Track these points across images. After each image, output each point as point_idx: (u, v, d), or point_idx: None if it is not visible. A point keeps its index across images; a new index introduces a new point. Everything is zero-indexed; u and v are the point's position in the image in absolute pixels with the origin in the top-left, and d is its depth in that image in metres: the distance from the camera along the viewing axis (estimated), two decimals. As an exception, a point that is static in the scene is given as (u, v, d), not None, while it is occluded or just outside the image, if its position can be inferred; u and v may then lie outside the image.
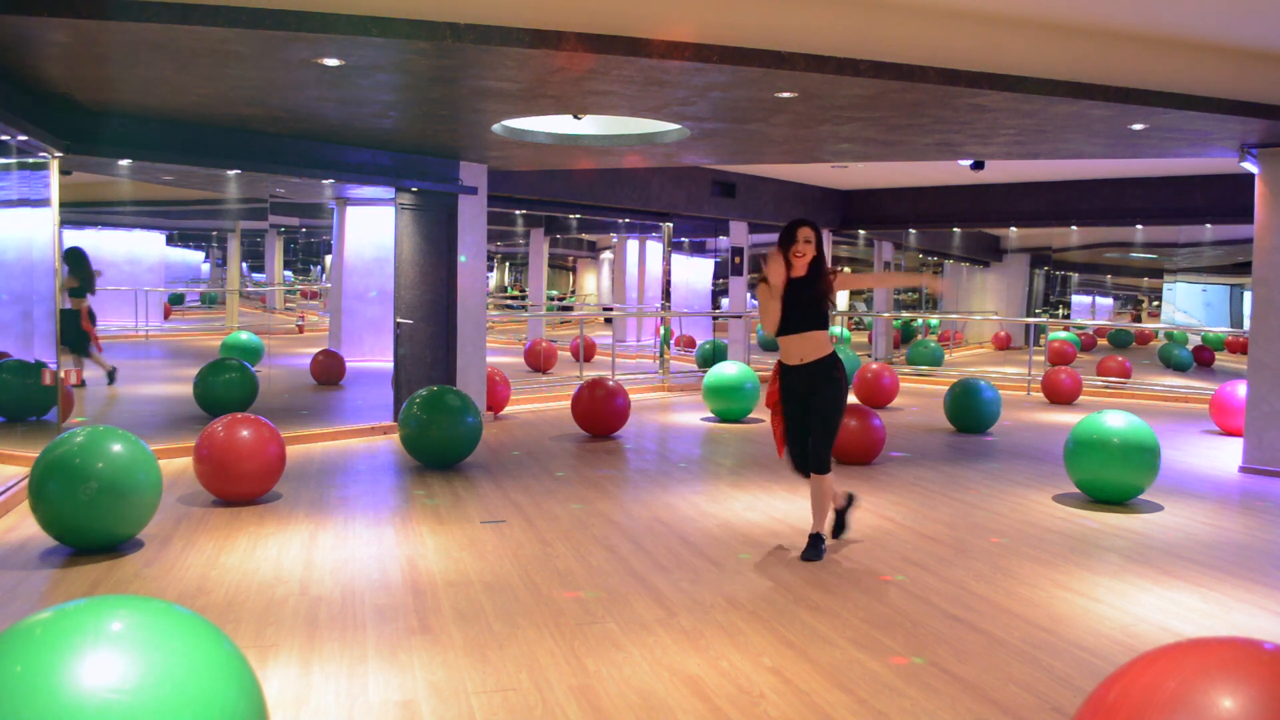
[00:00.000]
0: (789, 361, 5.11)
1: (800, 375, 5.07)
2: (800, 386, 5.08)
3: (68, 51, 5.22)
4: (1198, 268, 18.56)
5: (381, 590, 4.49)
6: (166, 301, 12.86)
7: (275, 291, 14.38)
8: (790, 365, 5.10)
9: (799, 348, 5.06)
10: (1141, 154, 8.69)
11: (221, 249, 13.21)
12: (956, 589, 4.64)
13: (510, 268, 26.16)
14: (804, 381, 5.06)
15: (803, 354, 5.05)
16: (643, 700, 3.35)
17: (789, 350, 5.10)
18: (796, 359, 5.07)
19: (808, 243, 5.08)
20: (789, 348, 5.09)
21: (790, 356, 5.09)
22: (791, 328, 5.05)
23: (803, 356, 5.05)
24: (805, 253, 5.07)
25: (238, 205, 12.15)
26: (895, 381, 11.36)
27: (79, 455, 4.81)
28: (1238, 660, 1.75)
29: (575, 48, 5.00)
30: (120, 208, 11.54)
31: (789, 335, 5.06)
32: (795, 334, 5.05)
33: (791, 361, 5.09)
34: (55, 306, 6.94)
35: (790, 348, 5.09)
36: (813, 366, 5.05)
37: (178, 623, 2.01)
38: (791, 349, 5.08)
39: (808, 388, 5.06)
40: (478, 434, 7.33)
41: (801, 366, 5.06)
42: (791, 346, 5.08)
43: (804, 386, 5.07)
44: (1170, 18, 5.68)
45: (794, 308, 5.04)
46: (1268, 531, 5.86)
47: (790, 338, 5.06)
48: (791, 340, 5.07)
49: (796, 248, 5.06)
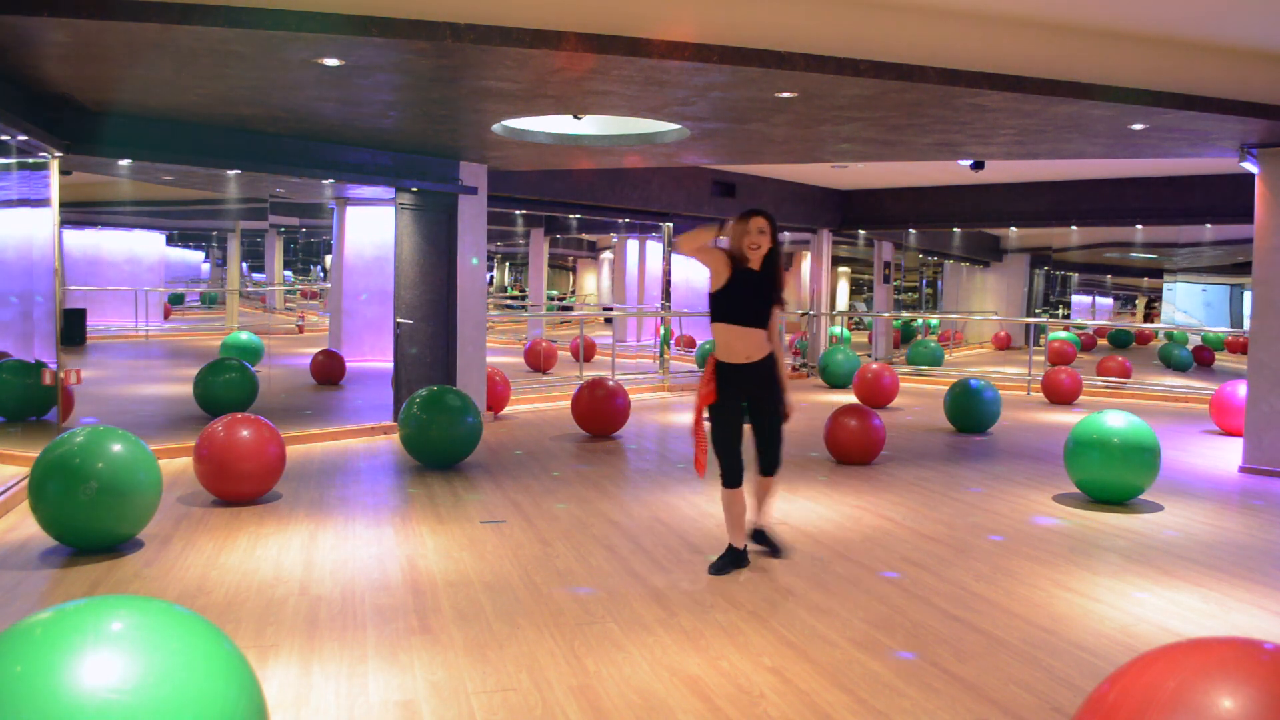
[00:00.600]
0: (732, 359, 4.75)
1: (747, 375, 4.75)
2: (745, 388, 4.77)
3: (68, 51, 5.22)
4: (1198, 268, 18.56)
5: (381, 590, 4.49)
6: (166, 301, 12.87)
7: (275, 291, 14.38)
8: (734, 364, 4.75)
9: (744, 344, 4.74)
10: (1141, 154, 8.69)
11: (221, 249, 13.21)
12: (956, 589, 4.64)
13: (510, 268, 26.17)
14: (750, 382, 4.77)
15: (749, 352, 4.74)
16: (643, 700, 3.35)
17: (732, 346, 4.74)
18: (742, 356, 4.74)
19: (762, 233, 4.71)
20: (733, 343, 4.74)
21: (734, 354, 4.75)
22: (738, 320, 4.72)
23: (749, 354, 4.74)
24: (760, 244, 4.71)
25: (238, 205, 12.16)
26: (895, 381, 11.37)
27: (79, 455, 4.81)
28: (1238, 660, 1.75)
29: (575, 48, 5.00)
30: (120, 208, 11.55)
31: (734, 327, 4.72)
32: (741, 327, 4.72)
33: (736, 360, 4.74)
34: (55, 306, 6.95)
35: (735, 343, 4.74)
36: (759, 366, 4.77)
37: (178, 623, 2.01)
38: (736, 344, 4.74)
39: (755, 389, 4.79)
40: (478, 434, 7.33)
41: (748, 366, 4.74)
42: (736, 341, 4.74)
43: (750, 388, 4.78)
44: (1171, 18, 5.68)
45: (743, 300, 4.71)
46: (1268, 531, 5.86)
47: (734, 329, 4.72)
48: (735, 333, 4.73)
49: (750, 239, 4.71)
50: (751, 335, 4.74)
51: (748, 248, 4.72)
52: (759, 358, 4.77)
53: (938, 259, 19.98)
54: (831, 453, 7.81)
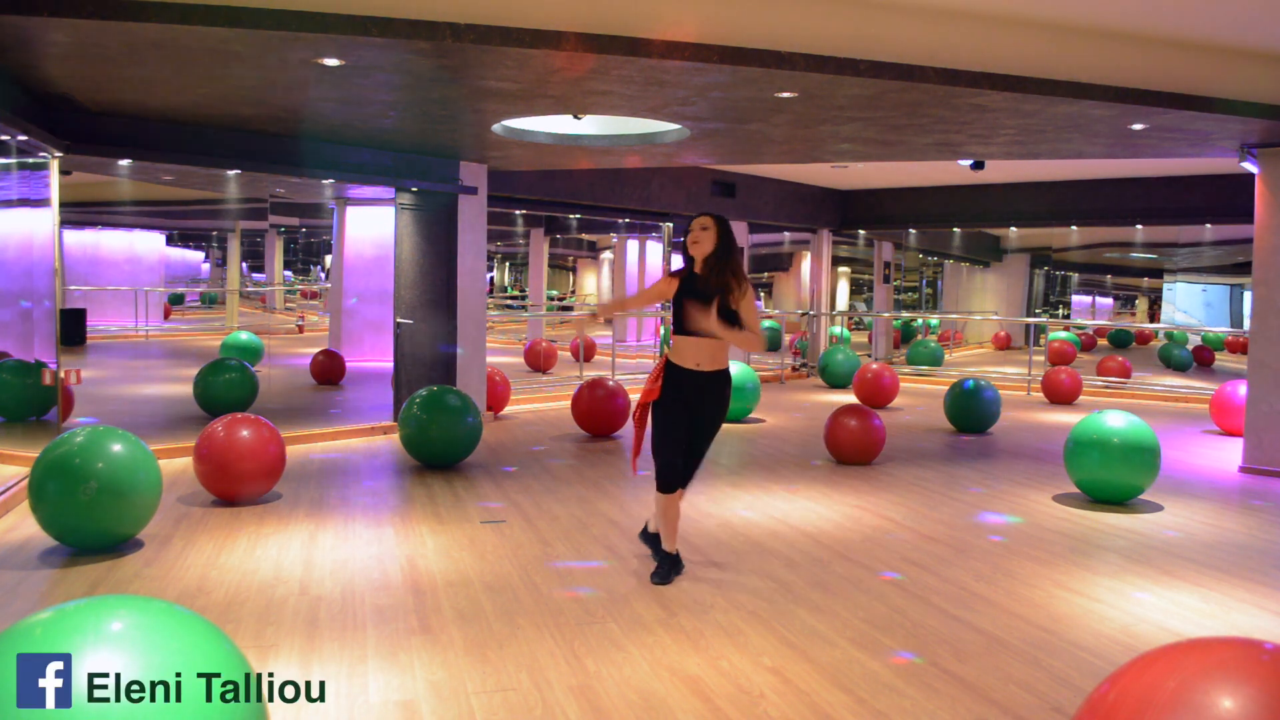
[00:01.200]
0: (683, 364, 4.55)
1: (692, 380, 4.54)
2: (690, 395, 4.56)
3: (68, 51, 5.22)
4: (1198, 268, 18.56)
5: (381, 590, 4.49)
6: (166, 301, 12.87)
7: (275, 291, 14.38)
8: (683, 368, 4.55)
9: (693, 352, 4.53)
10: (1141, 154, 8.69)
11: (221, 249, 13.21)
12: (956, 589, 4.64)
13: (510, 268, 26.17)
14: (694, 388, 4.55)
15: (698, 359, 4.53)
16: (643, 700, 3.35)
17: (683, 352, 4.55)
18: (691, 363, 4.54)
19: (704, 229, 4.52)
20: (684, 350, 4.55)
21: (684, 359, 4.55)
22: (684, 329, 4.52)
23: (698, 363, 4.53)
24: (700, 241, 4.51)
25: (238, 205, 12.16)
26: (895, 381, 11.37)
27: (79, 455, 4.81)
28: (1238, 660, 1.75)
29: (575, 48, 5.00)
30: (120, 208, 11.55)
31: (687, 337, 4.53)
32: (688, 336, 4.52)
33: (685, 364, 4.55)
34: (55, 306, 6.94)
35: (685, 349, 4.55)
36: (707, 376, 4.55)
37: (178, 623, 2.01)
38: (686, 351, 4.55)
39: (697, 396, 4.57)
40: (478, 434, 7.33)
41: (696, 373, 4.54)
42: (687, 349, 4.54)
43: (692, 395, 4.56)
44: (1170, 18, 5.68)
45: (688, 308, 4.50)
46: (1268, 531, 5.86)
47: (686, 339, 4.53)
48: (687, 343, 4.53)
49: (691, 237, 4.54)
50: (701, 345, 4.52)
51: (689, 245, 4.55)
52: (709, 369, 4.55)
53: (938, 259, 19.98)
54: (831, 453, 7.81)
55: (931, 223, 15.21)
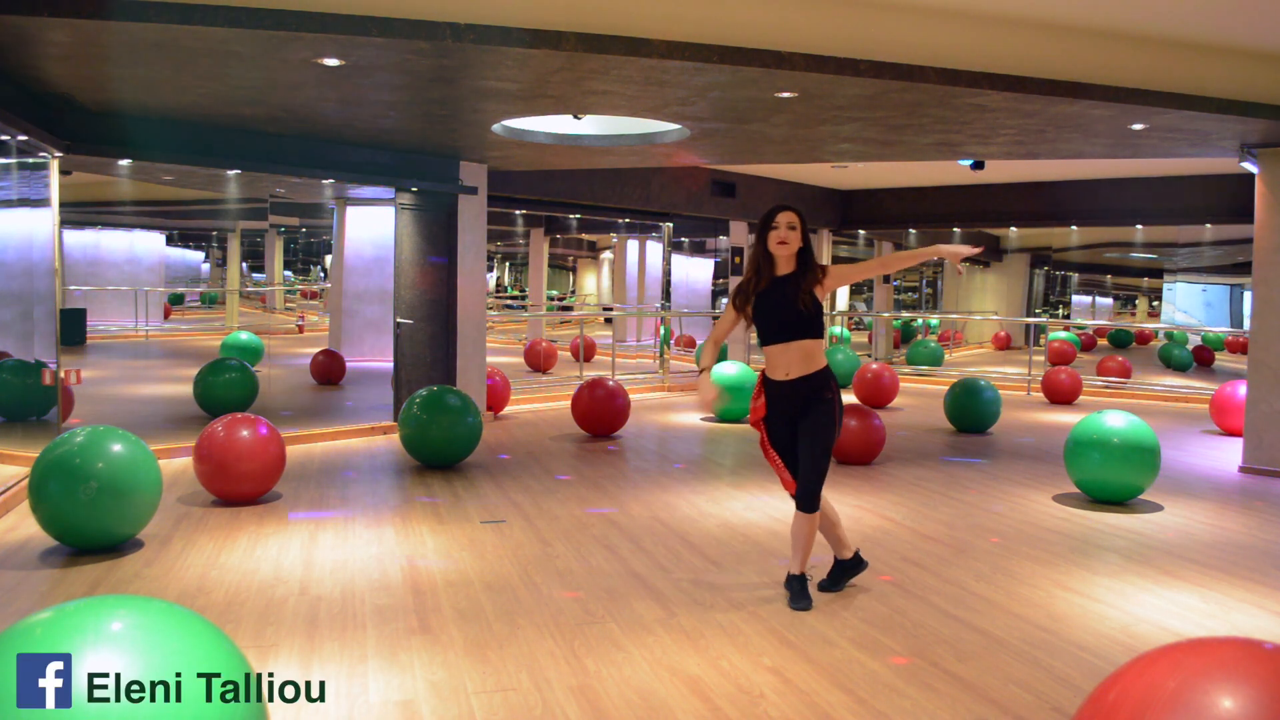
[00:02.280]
0: (774, 375, 4.30)
1: (785, 393, 4.27)
2: (786, 406, 4.29)
3: (68, 51, 5.22)
4: (1198, 268, 18.55)
5: (381, 590, 4.49)
6: (166, 301, 12.86)
7: (275, 291, 14.37)
8: (774, 380, 4.30)
9: (783, 359, 4.25)
10: (1141, 154, 8.69)
11: (221, 249, 13.21)
12: (956, 589, 4.64)
13: (510, 268, 26.16)
14: (790, 401, 4.27)
15: (788, 368, 4.25)
16: (643, 700, 3.35)
17: (773, 363, 4.30)
18: (781, 373, 4.26)
19: (792, 229, 4.21)
20: (772, 359, 4.30)
21: (774, 370, 4.29)
22: (773, 336, 4.25)
23: (788, 371, 4.25)
24: (790, 241, 4.21)
25: (238, 205, 12.15)
26: (895, 381, 11.36)
27: (79, 455, 4.81)
28: (1238, 660, 1.75)
29: (575, 48, 5.00)
30: (120, 208, 11.54)
31: (771, 345, 4.28)
32: (778, 343, 4.25)
33: (776, 376, 4.28)
34: (55, 306, 6.94)
35: (774, 359, 4.29)
36: (799, 384, 4.25)
37: (178, 623, 2.01)
38: (775, 361, 4.28)
39: (796, 408, 4.27)
40: (478, 434, 7.33)
41: (786, 383, 4.26)
42: (775, 358, 4.28)
43: (791, 406, 4.28)
44: (1170, 18, 5.68)
45: (774, 311, 4.25)
46: (1268, 531, 5.86)
47: (773, 348, 4.27)
48: (774, 351, 4.27)
49: (778, 235, 4.21)
50: (794, 349, 4.22)
51: (774, 245, 4.22)
52: (799, 374, 4.23)
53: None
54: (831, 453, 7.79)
55: (931, 223, 15.20)
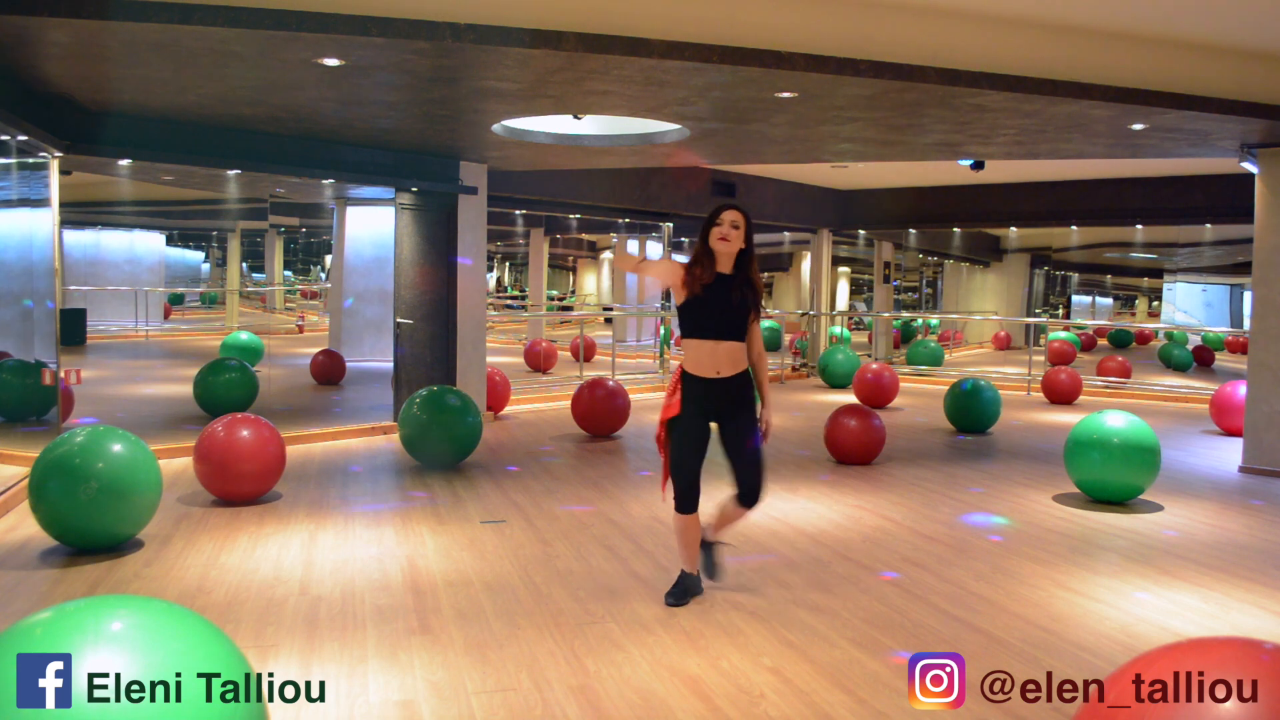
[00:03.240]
0: (700, 373, 4.20)
1: (715, 391, 4.19)
2: (712, 404, 4.21)
3: (68, 51, 5.22)
4: (1198, 268, 18.56)
5: (381, 590, 4.49)
6: (166, 301, 12.86)
7: (275, 291, 14.37)
8: (702, 377, 4.20)
9: (713, 358, 4.18)
10: (1142, 154, 8.69)
11: (221, 249, 13.21)
12: (956, 589, 4.64)
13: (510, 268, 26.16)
14: (719, 400, 4.20)
15: (718, 366, 4.18)
16: (643, 700, 3.35)
17: (700, 359, 4.20)
18: (711, 371, 4.18)
19: (735, 227, 4.16)
20: (700, 356, 4.20)
21: (702, 367, 4.19)
22: (709, 331, 4.18)
23: (718, 369, 4.19)
24: (731, 239, 4.15)
25: (238, 205, 12.15)
26: (895, 381, 11.36)
27: (79, 455, 4.81)
28: (1238, 660, 1.75)
29: (575, 48, 5.00)
30: (120, 208, 11.54)
31: (702, 340, 4.19)
32: (711, 340, 4.18)
33: (704, 373, 4.19)
34: (55, 306, 6.94)
35: (703, 356, 4.19)
36: (729, 382, 4.21)
37: (178, 623, 2.01)
38: (704, 358, 4.19)
39: (723, 407, 4.22)
40: (478, 434, 7.33)
41: (717, 381, 4.19)
42: (704, 355, 4.19)
43: (717, 405, 4.21)
44: (1170, 18, 5.68)
45: (715, 309, 4.17)
46: (1268, 531, 5.86)
47: (703, 344, 4.19)
48: (705, 347, 4.19)
49: (720, 232, 4.14)
50: (722, 349, 4.20)
51: (716, 242, 4.17)
52: (730, 373, 4.22)
53: (938, 259, 19.97)
54: (831, 453, 7.80)
55: (931, 223, 15.20)
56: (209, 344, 12.30)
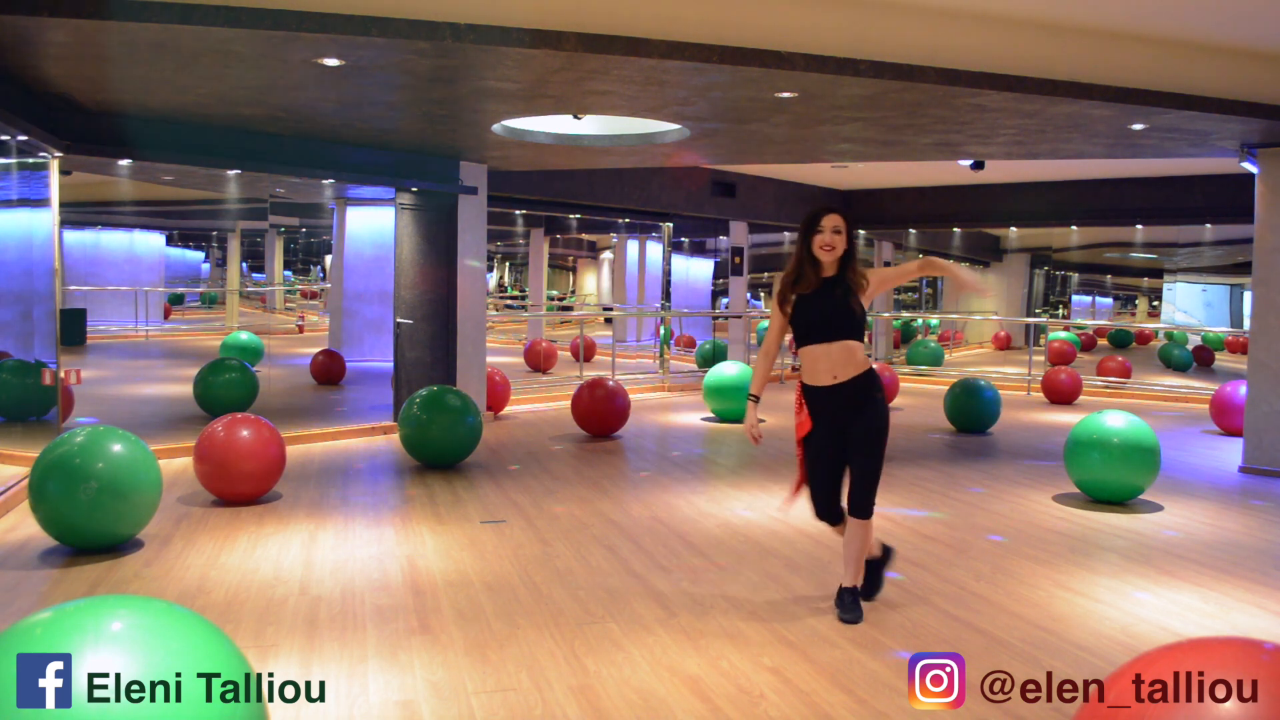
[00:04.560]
0: (817, 381, 4.11)
1: (834, 398, 4.09)
2: (834, 412, 4.12)
3: (68, 51, 5.22)
4: (1198, 268, 18.55)
5: (381, 590, 4.49)
6: (166, 301, 12.86)
7: (275, 291, 14.38)
8: (819, 386, 4.11)
9: (828, 361, 4.08)
10: (1141, 154, 8.69)
11: (221, 249, 13.21)
12: (956, 589, 4.64)
13: (510, 268, 26.16)
14: (839, 405, 4.10)
15: (834, 370, 4.07)
16: (643, 700, 3.35)
17: (815, 367, 4.11)
18: (828, 377, 4.08)
19: (837, 233, 4.07)
20: (815, 363, 4.11)
21: (818, 375, 4.10)
22: (815, 336, 4.09)
23: (835, 374, 4.07)
24: (835, 245, 4.07)
25: (238, 205, 12.15)
26: (895, 381, 11.36)
27: (79, 455, 4.81)
28: (1238, 660, 1.75)
29: (575, 48, 5.00)
30: (120, 208, 11.54)
31: (813, 346, 4.11)
32: (821, 344, 4.08)
33: (821, 381, 4.09)
34: (55, 306, 6.94)
35: (817, 362, 4.10)
36: (849, 386, 4.08)
37: (178, 623, 2.01)
38: (819, 364, 4.09)
39: (845, 413, 4.12)
40: (478, 434, 7.33)
41: (835, 387, 4.08)
42: (818, 361, 4.10)
43: (839, 412, 4.11)
44: (1170, 18, 5.68)
45: (824, 312, 4.09)
46: (1268, 531, 5.86)
47: (814, 349, 4.10)
48: (817, 352, 4.09)
49: (823, 240, 4.07)
50: (838, 350, 4.07)
51: (820, 249, 4.08)
52: (848, 376, 4.08)
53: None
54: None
55: (931, 223, 15.19)
56: (209, 344, 12.30)
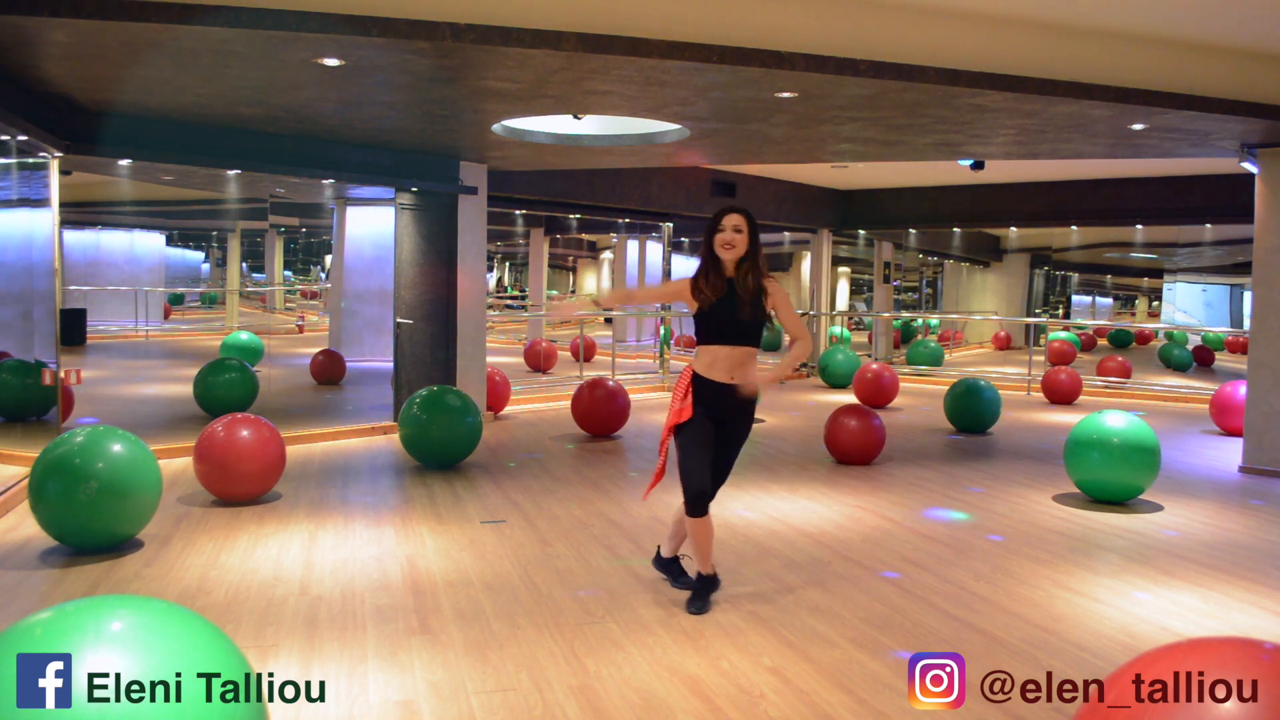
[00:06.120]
0: (713, 377, 4.14)
1: (726, 396, 4.15)
2: (720, 408, 4.17)
3: (68, 51, 5.22)
4: (1198, 268, 18.55)
5: (381, 590, 4.49)
6: (166, 302, 12.86)
7: (275, 291, 14.37)
8: (714, 381, 4.14)
9: (727, 363, 4.14)
10: (1142, 154, 8.69)
11: (221, 249, 13.21)
12: (956, 589, 4.64)
13: (510, 268, 26.15)
14: (726, 403, 4.16)
15: (732, 371, 4.14)
16: (643, 700, 3.35)
17: (716, 364, 4.14)
18: (725, 376, 4.13)
19: (737, 231, 4.11)
20: (716, 361, 4.14)
21: (716, 371, 4.14)
22: (725, 337, 4.13)
23: (732, 375, 4.14)
24: (735, 244, 4.10)
25: (238, 205, 12.15)
26: (895, 381, 11.36)
27: (79, 455, 4.81)
28: (1238, 660, 1.75)
29: (575, 48, 5.00)
30: (120, 208, 11.54)
31: (718, 346, 4.14)
32: (726, 346, 4.13)
33: (717, 377, 4.14)
34: (55, 306, 6.94)
35: (718, 360, 4.14)
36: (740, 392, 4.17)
37: (178, 623, 2.01)
38: (720, 364, 4.14)
39: (729, 413, 4.19)
40: (478, 434, 7.33)
41: (728, 385, 4.14)
42: (720, 359, 4.14)
43: (725, 409, 4.17)
44: (1170, 18, 5.68)
45: (726, 316, 4.12)
46: (1268, 531, 5.86)
47: (718, 349, 4.13)
48: (721, 352, 4.13)
49: (723, 239, 4.10)
50: (735, 355, 4.14)
51: (721, 249, 4.12)
52: (743, 380, 4.17)
53: (938, 259, 19.97)
54: (831, 453, 7.80)
55: (931, 223, 15.19)
56: (209, 344, 12.30)
